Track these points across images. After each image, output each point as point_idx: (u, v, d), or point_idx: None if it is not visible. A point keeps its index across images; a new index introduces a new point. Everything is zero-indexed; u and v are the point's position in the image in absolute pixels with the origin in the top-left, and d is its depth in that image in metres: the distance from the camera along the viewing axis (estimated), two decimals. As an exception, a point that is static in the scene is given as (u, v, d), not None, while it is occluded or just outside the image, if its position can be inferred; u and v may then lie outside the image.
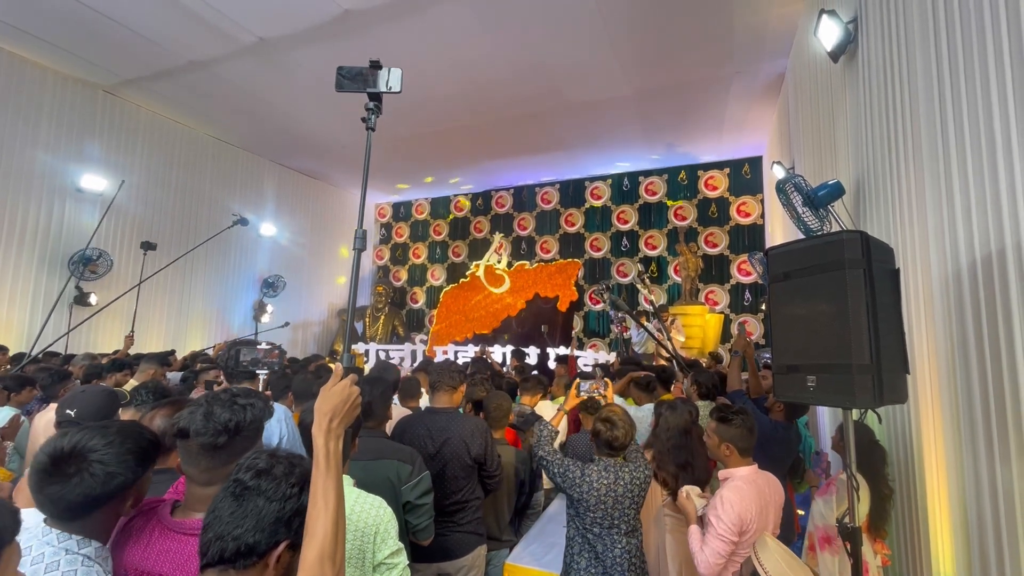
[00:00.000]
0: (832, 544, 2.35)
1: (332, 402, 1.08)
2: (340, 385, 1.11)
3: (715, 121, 7.97)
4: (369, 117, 1.48)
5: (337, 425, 1.07)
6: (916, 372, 2.19)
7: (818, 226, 2.99)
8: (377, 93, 1.47)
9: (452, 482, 2.41)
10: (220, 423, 1.23)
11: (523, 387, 3.92)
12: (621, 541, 2.16)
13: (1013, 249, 1.49)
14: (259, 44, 5.88)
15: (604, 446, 2.25)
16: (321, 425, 1.05)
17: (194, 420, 1.23)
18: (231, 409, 1.26)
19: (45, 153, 6.57)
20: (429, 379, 2.67)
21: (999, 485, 1.58)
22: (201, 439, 1.21)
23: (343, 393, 1.10)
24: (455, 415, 2.54)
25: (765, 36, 5.61)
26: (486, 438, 2.50)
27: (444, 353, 9.20)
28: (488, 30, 5.62)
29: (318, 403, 1.08)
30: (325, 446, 1.03)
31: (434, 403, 2.59)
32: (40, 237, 6.55)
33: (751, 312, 9.24)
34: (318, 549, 0.94)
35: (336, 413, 1.07)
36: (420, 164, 10.27)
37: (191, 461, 1.23)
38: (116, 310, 7.20)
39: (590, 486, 2.16)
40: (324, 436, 1.04)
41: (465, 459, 2.41)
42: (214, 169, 8.85)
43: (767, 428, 3.00)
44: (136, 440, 1.21)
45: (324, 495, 0.99)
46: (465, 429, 2.45)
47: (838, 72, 3.51)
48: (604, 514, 2.16)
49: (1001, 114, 1.55)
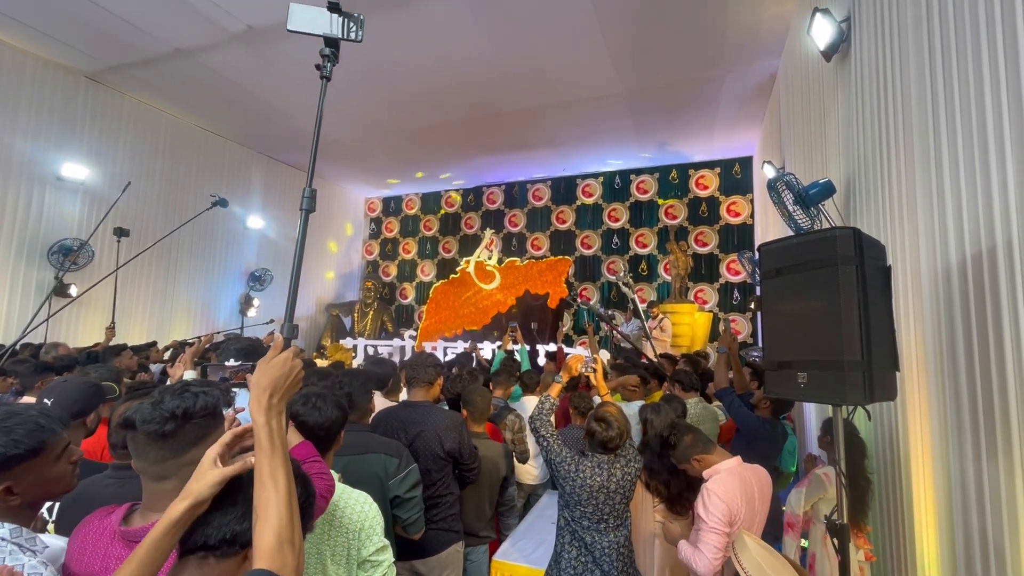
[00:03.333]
0: (793, 529, 2.45)
1: (271, 375, 0.98)
2: (281, 357, 1.01)
3: (707, 120, 7.99)
4: (325, 65, 1.32)
5: (278, 401, 0.98)
6: (904, 369, 2.20)
7: (809, 224, 3.00)
8: (334, 39, 1.32)
9: (424, 476, 2.37)
10: (167, 410, 1.16)
11: (495, 380, 3.90)
12: (609, 535, 2.16)
13: (1003, 247, 1.49)
14: (247, 32, 5.76)
15: (598, 446, 2.23)
16: (260, 401, 0.96)
17: (141, 410, 1.16)
18: (181, 397, 1.18)
19: (24, 140, 6.39)
20: (405, 373, 2.64)
21: (985, 481, 1.59)
22: (147, 427, 1.14)
23: (284, 366, 1.00)
24: (430, 409, 2.50)
25: (758, 36, 5.62)
26: (460, 431, 2.47)
27: (433, 349, 9.15)
28: (480, 25, 5.56)
29: (256, 377, 0.98)
30: (267, 424, 0.95)
31: (411, 397, 2.56)
32: (19, 227, 6.37)
33: (739, 311, 9.32)
34: (275, 534, 0.87)
35: (276, 388, 0.98)
36: (411, 159, 10.18)
37: (141, 454, 1.16)
38: (98, 302, 7.06)
39: (583, 482, 2.15)
40: (264, 413, 0.95)
41: (438, 452, 2.37)
42: (200, 160, 8.69)
43: (754, 424, 3.01)
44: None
45: (272, 476, 0.91)
46: (439, 423, 2.42)
47: (830, 71, 3.52)
48: (595, 509, 2.15)
49: (993, 112, 1.55)
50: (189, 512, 0.92)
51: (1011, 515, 1.44)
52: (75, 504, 1.48)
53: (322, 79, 1.32)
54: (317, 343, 11.09)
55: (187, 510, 0.92)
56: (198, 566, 0.92)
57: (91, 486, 1.54)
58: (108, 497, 1.46)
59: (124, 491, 1.43)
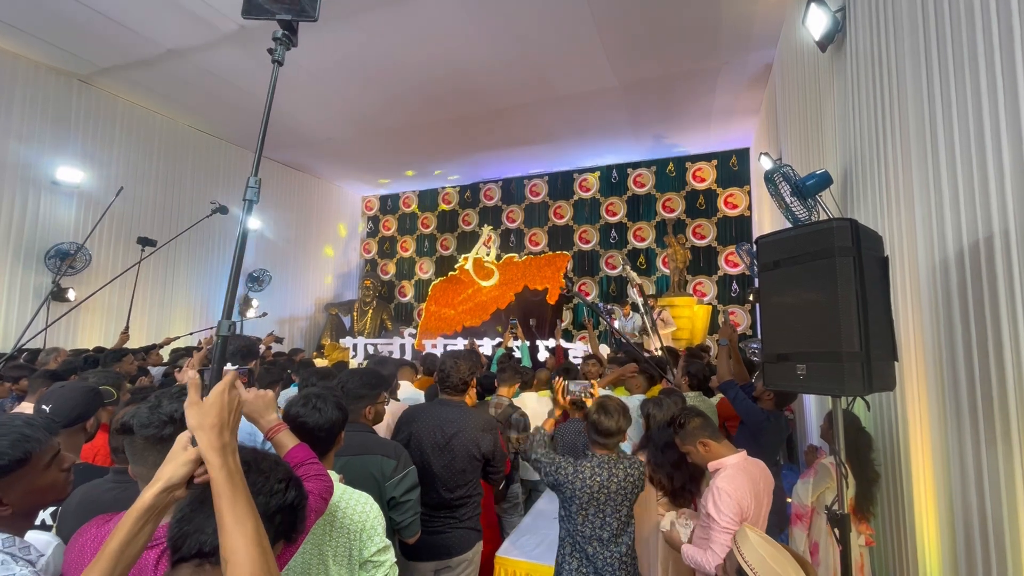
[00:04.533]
0: (802, 520, 2.44)
1: (215, 413, 0.93)
2: (217, 391, 0.95)
3: (703, 113, 7.97)
4: (276, 48, 1.26)
5: (230, 437, 0.93)
6: (903, 358, 2.20)
7: (806, 216, 3.00)
8: (288, 21, 1.27)
9: (460, 475, 2.38)
10: (165, 414, 1.15)
11: (500, 378, 3.89)
12: (612, 543, 2.13)
13: (1000, 236, 1.49)
14: (240, 32, 5.73)
15: (595, 433, 2.23)
16: (212, 442, 0.90)
17: (139, 414, 1.16)
18: (179, 400, 1.17)
19: (19, 144, 6.35)
20: (437, 375, 2.62)
21: (984, 468, 1.60)
22: (146, 431, 1.13)
23: (220, 400, 0.94)
24: (466, 409, 2.52)
25: (753, 26, 5.60)
26: (495, 434, 2.50)
27: (433, 347, 9.15)
28: (474, 20, 5.53)
29: (198, 419, 0.92)
30: (224, 465, 0.89)
31: (445, 395, 2.56)
32: (15, 231, 6.34)
33: (738, 303, 9.33)
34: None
35: (224, 424, 0.93)
36: (407, 156, 10.14)
37: (139, 459, 1.15)
38: (97, 306, 7.06)
39: (583, 482, 2.13)
40: (220, 454, 0.89)
41: (474, 454, 2.39)
42: (195, 161, 8.65)
43: (758, 417, 3.02)
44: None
45: (238, 519, 0.85)
46: (477, 424, 2.43)
47: (826, 61, 3.51)
48: (596, 510, 2.13)
49: (989, 101, 1.55)
50: (161, 496, 0.90)
51: (1010, 500, 1.45)
52: (78, 509, 1.48)
53: (274, 63, 1.26)
54: (317, 342, 11.09)
55: (158, 494, 0.89)
56: (193, 573, 0.90)
57: (93, 490, 1.54)
58: (110, 501, 1.46)
59: (126, 495, 1.42)
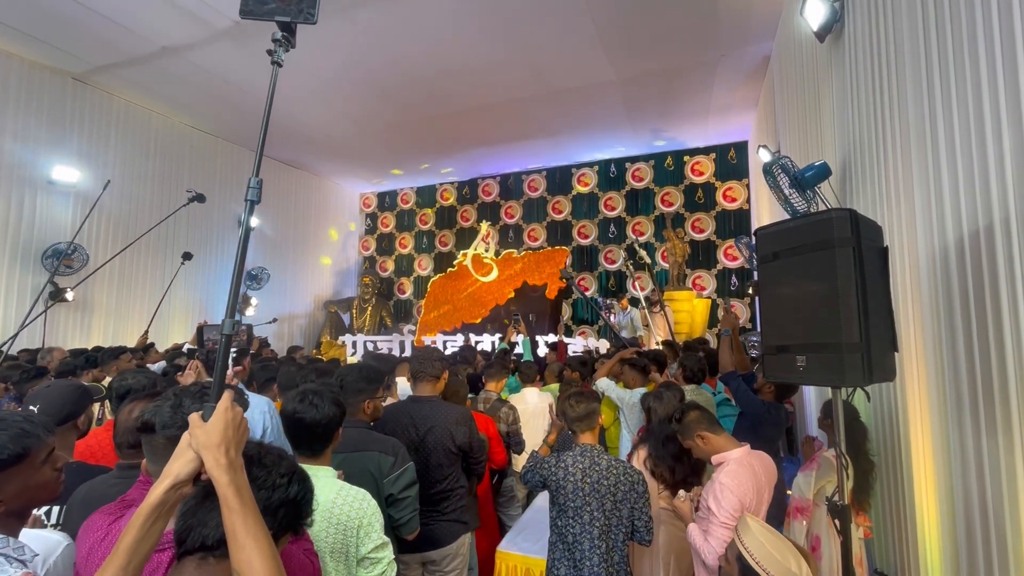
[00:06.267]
0: (802, 513, 2.43)
1: (219, 431, 0.93)
2: (220, 409, 0.96)
3: (700, 106, 7.93)
4: (276, 50, 1.25)
5: (236, 455, 0.94)
6: (903, 349, 2.20)
7: (805, 207, 2.99)
8: (287, 23, 1.25)
9: (437, 470, 2.39)
10: (189, 414, 1.16)
11: (487, 373, 3.88)
12: (600, 546, 2.10)
13: (1000, 225, 1.48)
14: (234, 28, 5.69)
15: (569, 421, 2.31)
16: (219, 460, 0.91)
17: (161, 412, 1.16)
18: (201, 400, 1.17)
19: (14, 144, 6.31)
20: (410, 368, 2.61)
21: (984, 458, 1.59)
22: (168, 431, 1.13)
23: (224, 418, 0.95)
24: (438, 404, 2.51)
25: (750, 18, 5.56)
26: (470, 425, 2.49)
27: (433, 343, 9.16)
28: (471, 14, 5.49)
29: (203, 440, 0.93)
30: (233, 482, 0.90)
31: (416, 392, 2.55)
32: (11, 231, 6.32)
33: (738, 297, 9.33)
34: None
35: (229, 441, 0.94)
36: (404, 153, 10.11)
37: (157, 458, 1.15)
38: (96, 305, 7.06)
39: (566, 471, 2.15)
40: (227, 471, 0.90)
41: (450, 447, 2.39)
42: (192, 159, 8.61)
43: (759, 409, 3.02)
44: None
45: (251, 535, 0.87)
46: (449, 417, 2.43)
47: (824, 52, 3.49)
48: (583, 502, 2.12)
49: (989, 88, 1.53)
50: (170, 492, 0.90)
51: (1011, 490, 1.45)
52: (82, 506, 1.46)
53: (273, 64, 1.26)
54: (316, 340, 11.09)
55: (167, 490, 0.90)
56: (197, 567, 0.91)
57: (99, 486, 1.52)
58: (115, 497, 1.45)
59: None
